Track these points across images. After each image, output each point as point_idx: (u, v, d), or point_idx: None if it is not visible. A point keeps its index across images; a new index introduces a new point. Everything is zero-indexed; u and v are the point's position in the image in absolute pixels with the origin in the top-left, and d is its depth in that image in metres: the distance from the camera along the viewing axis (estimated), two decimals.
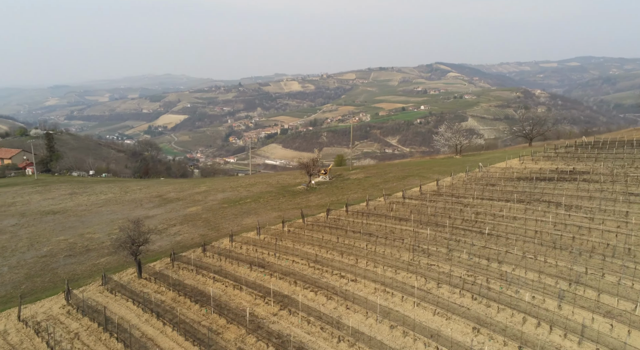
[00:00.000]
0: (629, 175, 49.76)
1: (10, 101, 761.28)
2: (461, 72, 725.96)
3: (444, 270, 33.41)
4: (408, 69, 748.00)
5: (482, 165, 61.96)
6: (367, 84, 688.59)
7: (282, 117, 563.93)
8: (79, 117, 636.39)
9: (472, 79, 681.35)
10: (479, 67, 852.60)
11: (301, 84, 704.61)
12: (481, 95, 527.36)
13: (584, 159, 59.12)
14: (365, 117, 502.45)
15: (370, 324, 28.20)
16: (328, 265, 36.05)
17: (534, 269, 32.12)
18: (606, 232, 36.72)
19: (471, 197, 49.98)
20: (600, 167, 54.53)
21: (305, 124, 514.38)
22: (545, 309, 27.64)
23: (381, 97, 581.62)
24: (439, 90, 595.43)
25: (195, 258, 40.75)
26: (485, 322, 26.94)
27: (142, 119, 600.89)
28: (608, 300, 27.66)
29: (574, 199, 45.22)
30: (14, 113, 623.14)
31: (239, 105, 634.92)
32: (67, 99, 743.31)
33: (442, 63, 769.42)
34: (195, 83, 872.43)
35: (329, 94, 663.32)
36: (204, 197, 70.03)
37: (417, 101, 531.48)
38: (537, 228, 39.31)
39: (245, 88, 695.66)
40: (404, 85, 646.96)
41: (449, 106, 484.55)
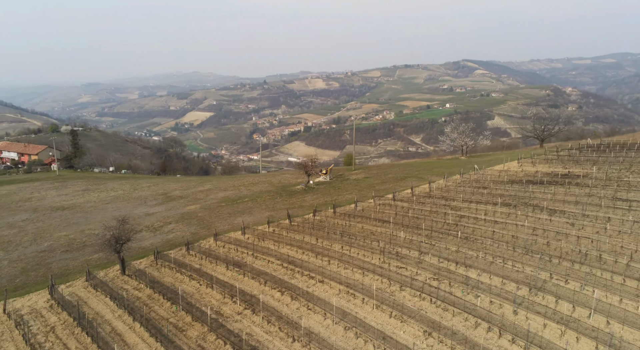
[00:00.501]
0: (622, 180, 48.46)
1: (45, 98, 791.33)
2: (489, 70, 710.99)
3: (411, 274, 33.61)
4: (434, 66, 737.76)
5: (477, 168, 61.25)
6: (392, 81, 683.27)
7: (306, 115, 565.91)
8: (110, 113, 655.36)
9: (500, 77, 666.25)
10: (508, 64, 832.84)
11: (325, 81, 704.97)
12: (509, 93, 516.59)
13: (583, 162, 57.74)
14: (389, 115, 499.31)
15: (327, 324, 28.76)
16: (301, 266, 36.72)
17: (500, 274, 31.96)
18: (582, 238, 36.10)
19: (459, 200, 49.65)
20: (596, 171, 53.18)
21: (329, 122, 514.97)
22: (501, 314, 27.61)
23: (406, 95, 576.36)
24: (465, 88, 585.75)
25: (179, 257, 42.15)
26: (438, 326, 27.13)
27: (170, 116, 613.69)
28: (565, 307, 27.44)
29: (560, 203, 44.47)
30: (49, 109, 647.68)
31: (263, 103, 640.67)
32: (99, 96, 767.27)
33: (469, 60, 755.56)
34: (221, 81, 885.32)
35: (353, 92, 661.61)
36: (205, 195, 71.76)
37: (442, 99, 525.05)
38: (514, 233, 38.90)
39: (270, 86, 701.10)
40: (429, 83, 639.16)
41: (475, 104, 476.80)
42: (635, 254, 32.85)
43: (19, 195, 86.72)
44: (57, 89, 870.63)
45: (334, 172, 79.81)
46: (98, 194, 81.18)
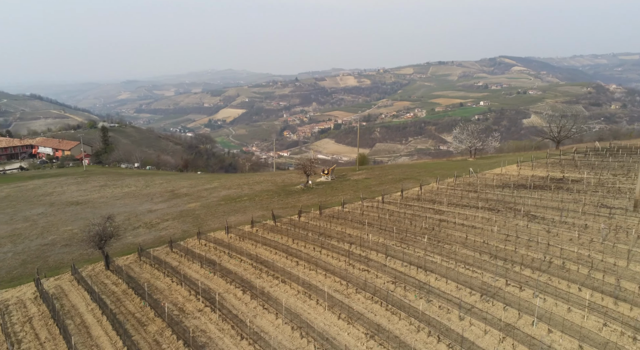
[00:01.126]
0: (614, 186, 46.72)
1: (88, 95, 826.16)
2: (527, 66, 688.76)
3: (371, 277, 33.99)
4: (469, 63, 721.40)
5: (472, 171, 60.35)
6: (425, 78, 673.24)
7: (337, 112, 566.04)
8: (147, 110, 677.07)
9: (538, 73, 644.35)
10: (548, 60, 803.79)
11: (357, 78, 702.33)
12: (547, 91, 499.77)
13: (582, 166, 55.87)
14: (420, 113, 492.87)
15: (278, 324, 29.63)
16: (269, 266, 37.71)
17: (457, 279, 31.93)
18: (553, 245, 35.42)
19: (445, 204, 49.26)
20: (593, 176, 51.45)
21: (359, 119, 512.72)
22: (448, 319, 27.82)
23: (439, 93, 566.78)
24: (501, 85, 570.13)
25: (163, 254, 44.00)
26: (382, 329, 27.56)
27: (203, 113, 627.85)
28: (511, 315, 27.42)
29: (544, 209, 43.63)
30: (91, 106, 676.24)
31: (294, 100, 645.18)
32: (137, 93, 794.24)
33: (506, 56, 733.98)
34: (254, 78, 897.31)
35: (385, 89, 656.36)
36: (209, 193, 73.88)
37: (476, 97, 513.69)
38: (487, 238, 38.52)
39: (302, 83, 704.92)
40: (463, 80, 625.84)
41: (511, 102, 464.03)
42: (600, 264, 32.08)
43: (43, 189, 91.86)
44: (99, 87, 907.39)
45: (337, 172, 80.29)
46: (112, 190, 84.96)
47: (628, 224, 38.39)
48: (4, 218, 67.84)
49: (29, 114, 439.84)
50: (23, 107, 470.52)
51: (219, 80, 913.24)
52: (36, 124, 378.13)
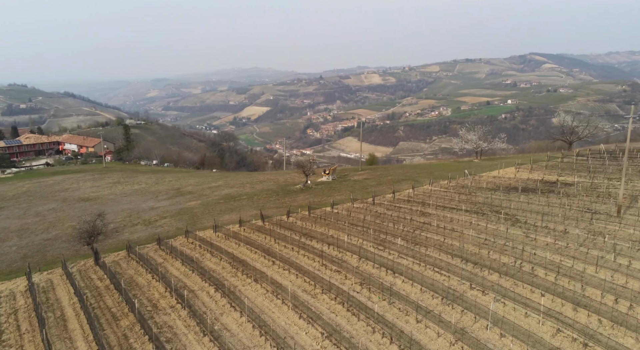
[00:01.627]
0: (607, 190, 45.46)
1: (119, 93, 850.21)
2: (559, 63, 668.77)
3: (340, 278, 34.45)
4: (498, 60, 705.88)
5: (467, 173, 59.68)
6: (452, 76, 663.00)
7: (361, 110, 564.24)
8: (174, 107, 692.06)
9: (571, 71, 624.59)
10: (582, 57, 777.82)
11: (382, 76, 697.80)
12: (579, 89, 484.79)
13: (580, 170, 54.49)
14: (445, 111, 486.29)
15: (241, 322, 30.44)
16: (246, 265, 38.57)
17: (423, 282, 32.10)
18: (526, 251, 35.17)
19: (433, 206, 49.04)
20: (588, 180, 50.18)
21: (383, 118, 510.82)
22: (405, 321, 28.15)
23: (465, 91, 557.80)
24: (530, 84, 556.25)
25: (151, 251, 45.52)
26: (340, 330, 28.07)
27: (229, 111, 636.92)
28: (468, 318, 27.64)
29: (529, 212, 43.01)
30: (121, 103, 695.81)
31: (318, 98, 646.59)
32: (165, 91, 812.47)
33: (537, 53, 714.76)
34: (279, 76, 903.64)
35: (410, 87, 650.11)
36: (211, 192, 75.53)
37: (504, 95, 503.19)
38: (465, 242, 38.31)
39: (326, 81, 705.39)
40: (491, 78, 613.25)
41: (540, 101, 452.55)
42: (569, 270, 31.62)
43: (60, 185, 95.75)
44: (129, 84, 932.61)
45: (340, 172, 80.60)
46: (123, 187, 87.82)
47: (608, 229, 37.54)
48: (18, 213, 71.26)
49: (62, 111, 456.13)
50: (57, 104, 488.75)
51: (244, 78, 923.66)
52: (68, 121, 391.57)
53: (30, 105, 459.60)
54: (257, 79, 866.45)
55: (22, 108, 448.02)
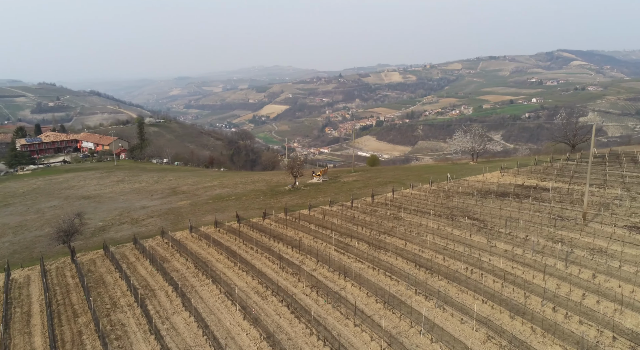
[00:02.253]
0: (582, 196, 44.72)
1: (143, 91, 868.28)
2: (589, 60, 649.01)
3: (293, 282, 35.28)
4: (523, 57, 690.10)
5: (449, 177, 59.35)
6: (474, 74, 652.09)
7: (380, 109, 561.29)
8: (195, 106, 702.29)
9: (601, 68, 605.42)
10: (614, 53, 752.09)
11: (402, 74, 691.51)
12: (609, 87, 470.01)
13: (564, 175, 53.61)
14: (467, 110, 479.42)
15: (189, 322, 31.49)
16: (208, 267, 39.67)
17: (371, 287, 32.71)
18: (482, 257, 35.19)
19: (408, 211, 49.16)
20: (567, 185, 49.39)
21: (402, 117, 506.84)
22: (345, 325, 28.98)
23: (488, 89, 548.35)
24: (557, 81, 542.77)
25: (127, 250, 47.20)
26: (280, 332, 28.92)
27: (248, 109, 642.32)
28: (405, 324, 28.24)
29: (499, 218, 42.84)
30: (145, 101, 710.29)
31: (337, 96, 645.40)
32: (188, 89, 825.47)
33: (565, 50, 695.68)
34: (300, 74, 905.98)
35: (431, 85, 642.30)
36: (204, 191, 77.17)
37: (528, 93, 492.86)
38: (424, 247, 38.52)
39: (345, 79, 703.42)
40: (516, 76, 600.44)
41: (567, 99, 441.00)
42: (517, 278, 31.75)
43: (68, 183, 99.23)
44: (153, 83, 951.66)
45: (331, 173, 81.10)
46: (124, 186, 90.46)
47: (570, 237, 37.10)
48: (21, 209, 74.44)
49: (87, 109, 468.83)
50: (83, 102, 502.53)
51: (265, 76, 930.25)
52: (93, 119, 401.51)
53: (58, 104, 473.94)
54: (277, 77, 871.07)
55: (50, 106, 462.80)
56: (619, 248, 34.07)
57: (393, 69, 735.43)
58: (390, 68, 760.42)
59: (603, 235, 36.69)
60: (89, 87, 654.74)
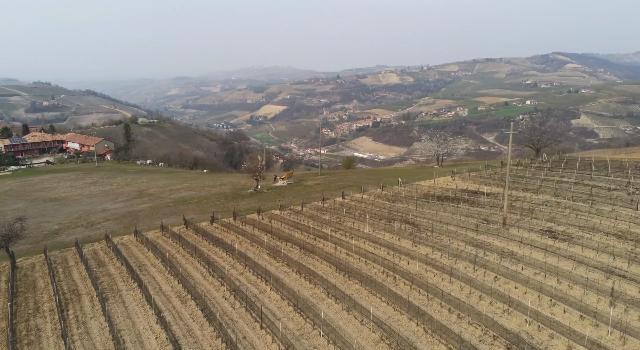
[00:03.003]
0: (515, 202, 45.08)
1: (141, 90, 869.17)
2: (583, 63, 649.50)
3: (216, 286, 35.72)
4: (519, 60, 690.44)
5: (401, 182, 59.68)
6: (470, 76, 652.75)
7: (377, 110, 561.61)
8: (193, 106, 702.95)
9: (595, 71, 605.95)
10: (608, 56, 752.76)
11: (399, 76, 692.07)
12: (601, 90, 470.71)
13: (512, 180, 54.00)
14: (462, 111, 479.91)
15: (104, 326, 31.71)
16: (139, 273, 39.97)
17: (287, 292, 33.27)
18: (402, 261, 35.64)
19: (352, 215, 49.54)
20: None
21: (399, 118, 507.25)
22: (253, 328, 29.45)
23: (484, 91, 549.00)
24: (551, 84, 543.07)
25: (69, 255, 47.52)
26: (185, 335, 29.38)
27: (246, 109, 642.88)
28: (309, 326, 28.93)
29: (435, 222, 43.29)
30: (143, 101, 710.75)
31: (335, 97, 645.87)
32: (186, 89, 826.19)
33: (560, 53, 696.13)
34: (298, 75, 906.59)
35: (428, 87, 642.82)
36: (169, 194, 77.47)
37: (523, 95, 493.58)
38: (350, 253, 39.01)
39: (343, 80, 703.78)
40: (511, 78, 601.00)
41: (560, 101, 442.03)
42: (425, 281, 32.33)
43: (41, 185, 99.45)
44: (152, 82, 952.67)
45: (298, 176, 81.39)
46: (95, 188, 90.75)
47: (488, 241, 37.61)
48: None
49: (83, 109, 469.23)
50: (79, 102, 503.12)
51: (264, 77, 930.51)
52: (88, 118, 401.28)
53: (53, 103, 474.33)
54: (275, 78, 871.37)
55: (45, 105, 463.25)
56: (527, 252, 34.61)
57: (391, 70, 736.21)
58: (388, 69, 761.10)
59: (517, 239, 37.24)
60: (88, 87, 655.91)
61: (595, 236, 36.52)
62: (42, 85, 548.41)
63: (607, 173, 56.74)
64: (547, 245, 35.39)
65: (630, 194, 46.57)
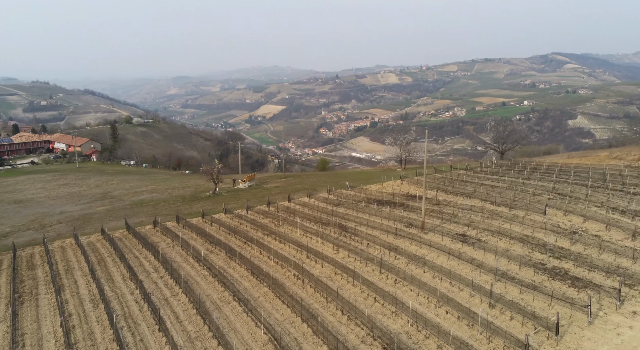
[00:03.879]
0: (448, 206, 45.39)
1: (141, 90, 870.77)
2: (582, 64, 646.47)
3: (131, 289, 36.34)
4: (518, 60, 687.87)
5: (348, 185, 60.06)
6: (469, 76, 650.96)
7: (375, 110, 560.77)
8: (192, 105, 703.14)
9: (594, 71, 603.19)
10: (608, 57, 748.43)
11: (398, 76, 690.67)
12: (599, 90, 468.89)
13: (447, 186, 54.34)
14: (460, 111, 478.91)
15: (5, 329, 32.40)
16: (65, 275, 40.57)
17: (194, 296, 33.73)
18: (306, 265, 36.01)
19: (289, 220, 49.95)
20: (441, 194, 50.09)
21: (397, 118, 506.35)
22: (155, 332, 29.78)
23: (482, 91, 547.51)
24: (550, 84, 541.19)
25: (5, 259, 48.17)
26: (85, 338, 29.91)
27: (245, 109, 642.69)
28: (196, 327, 30.03)
29: (366, 226, 43.74)
30: (142, 101, 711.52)
31: (334, 97, 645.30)
32: (185, 89, 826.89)
33: (559, 53, 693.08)
34: (298, 74, 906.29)
35: (427, 87, 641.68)
36: (131, 196, 77.99)
37: (521, 96, 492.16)
38: (269, 257, 39.51)
39: (342, 80, 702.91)
40: (510, 78, 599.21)
41: (558, 102, 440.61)
42: (332, 285, 32.65)
43: (14, 186, 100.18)
44: (151, 82, 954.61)
45: (260, 179, 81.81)
46: (63, 189, 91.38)
47: (405, 245, 38.12)
48: None
49: (81, 108, 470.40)
50: (77, 101, 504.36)
51: (263, 76, 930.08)
52: (86, 118, 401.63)
53: (51, 102, 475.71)
54: (275, 78, 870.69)
55: (42, 105, 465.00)
56: (435, 256, 34.97)
57: (390, 70, 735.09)
58: (387, 69, 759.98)
59: (429, 244, 37.61)
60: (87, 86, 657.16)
61: (501, 241, 36.84)
62: (40, 84, 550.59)
63: (540, 178, 56.84)
64: (453, 249, 35.77)
65: (550, 199, 46.77)
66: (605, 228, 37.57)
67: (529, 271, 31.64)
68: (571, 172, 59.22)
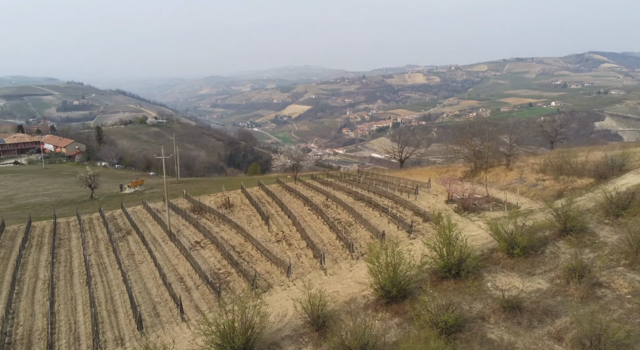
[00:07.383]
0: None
1: (174, 90, 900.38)
2: (622, 63, 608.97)
3: None
4: (551, 59, 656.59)
5: (186, 193, 61.10)
6: (499, 76, 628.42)
7: (400, 110, 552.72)
8: (222, 105, 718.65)
9: (632, 71, 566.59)
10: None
11: (426, 76, 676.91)
12: (633, 91, 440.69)
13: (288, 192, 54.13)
14: (485, 112, 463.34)
15: None
16: None
17: None
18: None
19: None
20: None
21: (420, 118, 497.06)
22: None
23: (511, 92, 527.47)
24: (582, 84, 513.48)
25: None
26: None
27: (272, 109, 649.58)
28: None
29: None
30: (175, 100, 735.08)
31: (360, 97, 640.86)
32: (216, 89, 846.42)
33: (596, 52, 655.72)
34: (328, 74, 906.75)
35: (455, 87, 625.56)
36: (20, 200, 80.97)
37: (550, 96, 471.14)
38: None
39: (368, 80, 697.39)
40: (541, 78, 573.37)
41: (586, 103, 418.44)
42: None
43: None
44: (185, 82, 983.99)
45: (150, 184, 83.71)
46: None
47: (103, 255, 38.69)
48: None
49: (110, 108, 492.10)
50: (107, 101, 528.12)
51: (294, 76, 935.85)
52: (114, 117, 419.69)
53: (83, 102, 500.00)
54: (305, 77, 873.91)
55: (75, 104, 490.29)
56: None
57: (418, 70, 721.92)
58: (415, 69, 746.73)
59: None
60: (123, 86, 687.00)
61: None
62: (74, 84, 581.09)
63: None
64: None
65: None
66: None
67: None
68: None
